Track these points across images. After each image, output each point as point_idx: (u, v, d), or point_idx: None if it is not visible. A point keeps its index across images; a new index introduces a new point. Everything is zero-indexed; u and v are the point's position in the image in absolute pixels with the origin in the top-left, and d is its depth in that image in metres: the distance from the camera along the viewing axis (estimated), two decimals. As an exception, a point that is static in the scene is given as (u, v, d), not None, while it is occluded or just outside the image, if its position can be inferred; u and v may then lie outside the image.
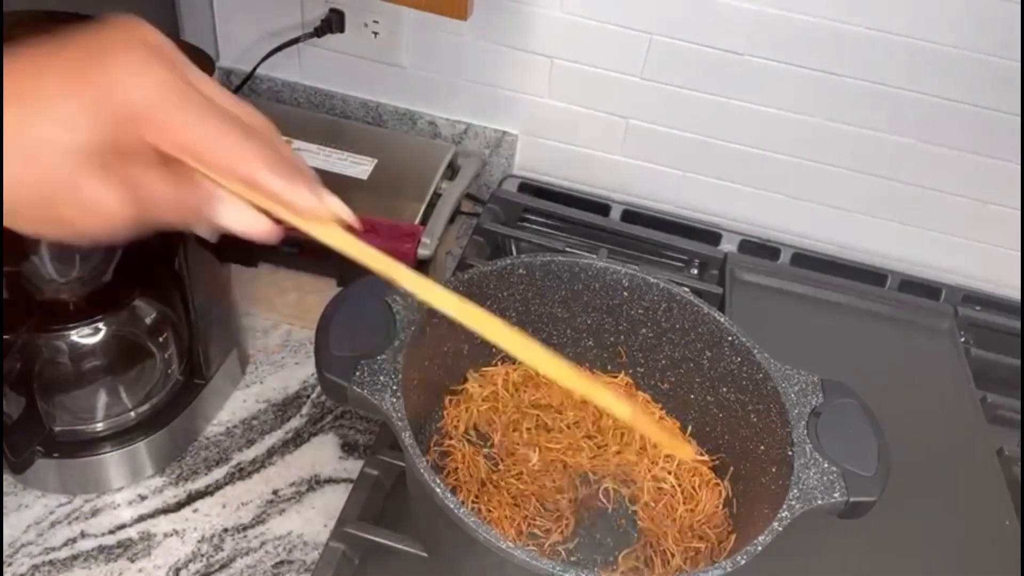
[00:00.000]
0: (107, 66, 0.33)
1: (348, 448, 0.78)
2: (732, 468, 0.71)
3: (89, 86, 0.33)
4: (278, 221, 0.39)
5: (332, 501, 0.73)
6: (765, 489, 0.64)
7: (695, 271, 1.05)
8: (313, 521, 0.72)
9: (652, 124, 1.03)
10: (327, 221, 0.41)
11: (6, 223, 0.34)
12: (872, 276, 1.05)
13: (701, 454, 0.73)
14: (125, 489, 0.72)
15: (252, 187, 0.37)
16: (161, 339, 0.74)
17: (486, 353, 0.76)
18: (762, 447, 0.66)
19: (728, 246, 1.06)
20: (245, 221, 0.38)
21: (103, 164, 0.33)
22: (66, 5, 0.68)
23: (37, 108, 0.32)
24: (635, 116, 1.03)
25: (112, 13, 0.37)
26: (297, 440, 0.78)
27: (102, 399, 0.71)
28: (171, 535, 0.70)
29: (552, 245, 1.00)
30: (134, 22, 0.35)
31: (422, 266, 0.90)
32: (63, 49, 0.34)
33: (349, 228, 0.42)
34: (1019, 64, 0.89)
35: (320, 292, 0.91)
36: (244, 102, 0.39)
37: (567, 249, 0.99)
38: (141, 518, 0.71)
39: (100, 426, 0.71)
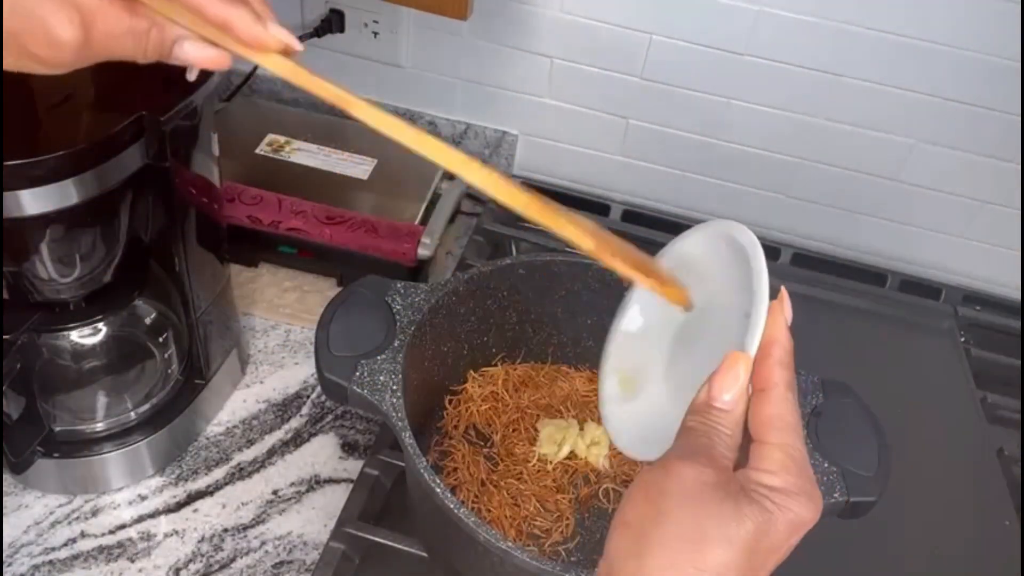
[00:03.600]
0: None
1: (348, 448, 0.78)
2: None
3: None
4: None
5: (332, 501, 0.73)
6: (765, 489, 0.64)
7: (695, 271, 1.04)
8: (313, 521, 0.72)
9: (652, 124, 1.03)
10: (272, 49, 0.42)
11: None
12: (872, 276, 1.05)
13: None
14: (125, 489, 0.72)
15: (197, 13, 0.38)
16: (161, 339, 0.74)
17: (486, 353, 0.76)
18: (762, 447, 0.66)
19: (728, 246, 1.05)
20: (198, 54, 0.40)
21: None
22: (66, 5, 0.68)
23: None
24: (635, 116, 1.03)
25: None
26: (297, 440, 0.78)
27: (102, 399, 0.71)
28: (171, 535, 0.70)
29: (552, 245, 0.99)
30: None
31: (422, 266, 0.90)
32: None
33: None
34: (1019, 64, 0.89)
35: (320, 292, 0.91)
36: None
37: (567, 249, 0.99)
38: (141, 518, 0.71)
39: (100, 426, 0.71)
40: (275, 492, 0.74)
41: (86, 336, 0.68)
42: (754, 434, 0.39)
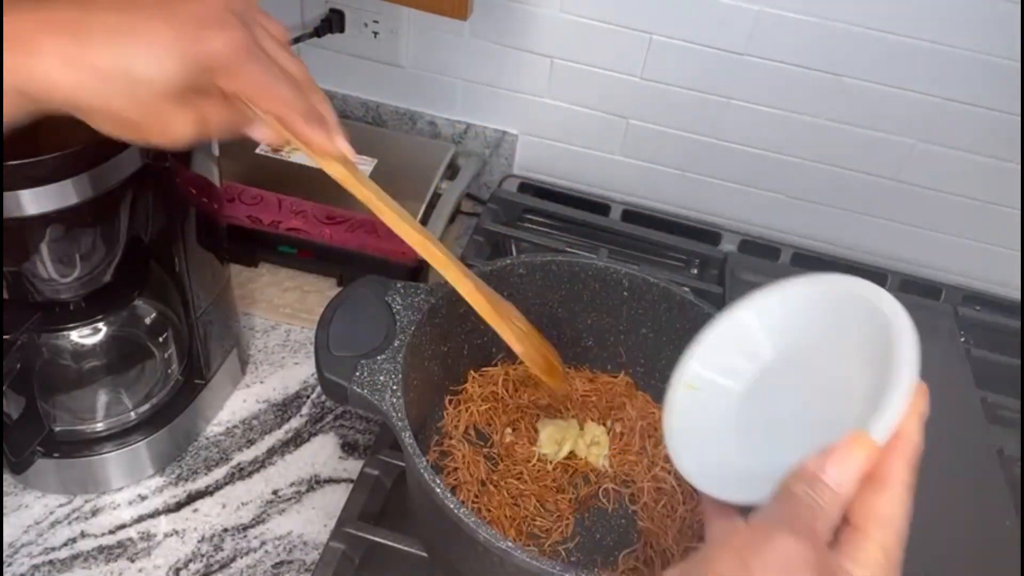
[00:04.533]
0: (195, 16, 0.40)
1: (348, 448, 0.78)
2: (732, 468, 0.71)
3: (179, 34, 0.40)
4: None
5: (332, 501, 0.73)
6: (765, 489, 0.64)
7: (695, 271, 1.05)
8: (313, 521, 0.72)
9: (652, 124, 1.03)
10: (334, 158, 0.50)
11: (92, 124, 0.41)
12: (872, 276, 1.04)
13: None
14: (125, 489, 0.72)
15: (284, 126, 0.46)
16: (161, 339, 0.74)
17: (486, 353, 0.76)
18: (762, 447, 0.66)
19: (728, 246, 1.06)
20: (271, 136, 0.47)
21: (182, 98, 0.41)
22: (66, 5, 0.68)
23: (131, 47, 0.39)
24: (635, 116, 1.03)
25: None
26: (297, 440, 0.78)
27: (102, 399, 0.71)
28: (171, 535, 0.70)
29: (552, 245, 1.00)
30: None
31: (422, 266, 0.90)
32: None
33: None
34: (1019, 64, 0.89)
35: (320, 292, 0.91)
36: (294, 57, 0.47)
37: (567, 249, 0.99)
38: (141, 518, 0.71)
39: (100, 426, 0.71)
40: (275, 492, 0.74)
41: (86, 336, 0.68)
42: (857, 520, 0.38)
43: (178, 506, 0.72)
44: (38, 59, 0.37)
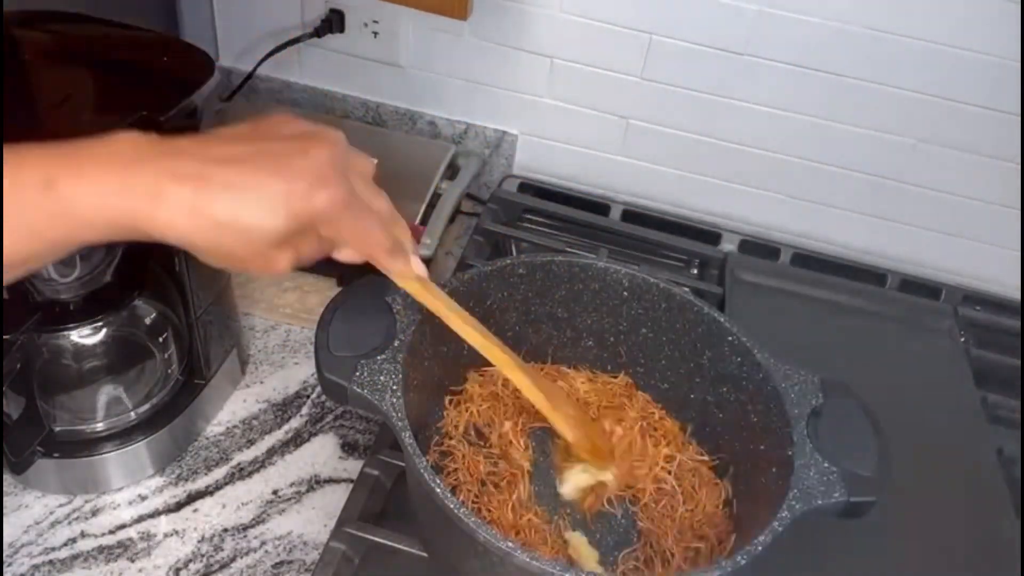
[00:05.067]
0: (303, 173, 0.45)
1: (348, 448, 0.78)
2: (732, 468, 0.71)
3: (289, 191, 0.44)
4: (364, 264, 0.53)
5: (332, 501, 0.73)
6: (765, 489, 0.64)
7: (695, 271, 1.05)
8: (313, 521, 0.72)
9: (652, 124, 1.03)
10: (410, 278, 0.57)
11: (199, 257, 0.45)
12: (872, 276, 1.05)
13: (701, 454, 0.73)
14: (125, 489, 0.72)
15: (371, 261, 0.53)
16: (161, 339, 0.74)
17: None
18: (762, 447, 0.66)
19: (728, 246, 1.06)
20: (354, 258, 0.52)
21: (287, 241, 0.46)
22: (66, 5, 0.68)
23: (247, 202, 0.43)
24: (635, 116, 1.03)
25: (114, 14, 0.39)
26: (297, 440, 0.78)
27: (102, 399, 0.71)
28: (171, 535, 0.70)
29: (552, 245, 1.00)
30: (333, 134, 0.48)
31: (422, 266, 0.90)
32: (270, 142, 0.46)
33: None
34: (1019, 64, 0.89)
35: (320, 292, 0.91)
36: (379, 192, 0.52)
37: (567, 249, 0.99)
38: (141, 518, 0.71)
39: (100, 426, 0.71)
40: (275, 492, 0.74)
41: (86, 336, 0.68)
42: None
43: (178, 506, 0.72)
44: (163, 207, 0.42)
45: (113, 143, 0.42)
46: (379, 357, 0.61)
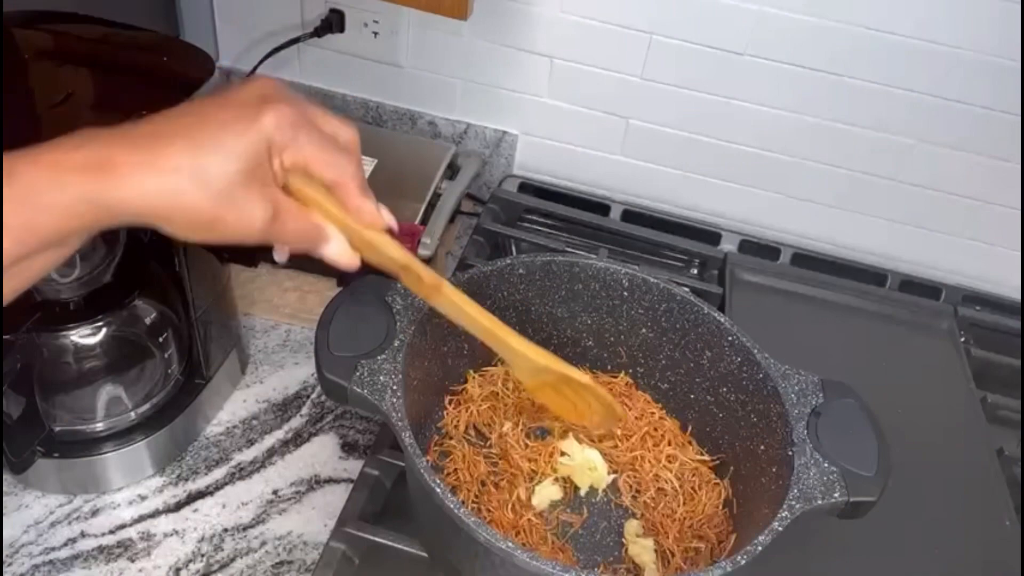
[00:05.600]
0: (246, 101, 0.46)
1: (348, 448, 0.78)
2: (732, 468, 0.71)
3: (237, 117, 0.44)
4: (364, 265, 0.52)
5: (332, 501, 0.73)
6: (765, 489, 0.64)
7: (695, 271, 1.05)
8: (313, 521, 0.72)
9: (652, 124, 1.03)
10: (378, 224, 0.52)
11: (167, 232, 0.44)
12: (872, 276, 1.05)
13: (701, 454, 0.73)
14: (125, 489, 0.72)
15: (338, 194, 0.49)
16: (161, 339, 0.74)
17: (486, 353, 0.76)
18: (762, 447, 0.66)
19: (728, 246, 1.06)
20: (341, 255, 0.51)
21: (253, 183, 0.45)
22: (66, 5, 0.68)
23: (200, 143, 0.43)
24: (635, 116, 1.03)
25: (114, 14, 0.39)
26: (297, 440, 0.78)
27: (102, 399, 0.71)
28: (171, 535, 0.70)
29: (552, 245, 1.00)
30: (269, 80, 0.48)
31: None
32: (225, 100, 0.46)
33: (390, 233, 0.53)
34: (1019, 64, 0.89)
35: (320, 292, 0.91)
36: (341, 122, 0.50)
37: (567, 249, 0.99)
38: (141, 518, 0.71)
39: (100, 426, 0.71)
40: (275, 492, 0.74)
41: (86, 336, 0.68)
42: None
43: (178, 506, 0.72)
44: (118, 173, 0.41)
45: (69, 136, 0.42)
46: (379, 357, 0.61)
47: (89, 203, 0.41)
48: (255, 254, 0.92)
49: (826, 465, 0.60)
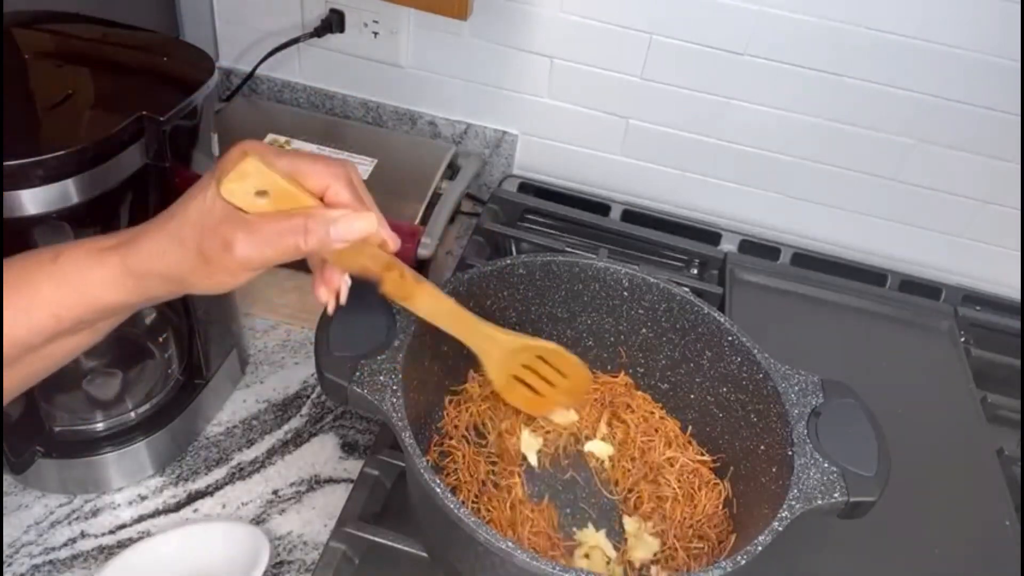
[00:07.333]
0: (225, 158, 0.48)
1: (348, 448, 0.78)
2: (732, 468, 0.71)
3: (208, 182, 0.48)
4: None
5: (332, 501, 0.73)
6: (765, 489, 0.64)
7: (695, 271, 1.05)
8: (313, 521, 0.72)
9: (652, 124, 1.03)
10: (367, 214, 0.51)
11: (187, 292, 0.50)
12: (872, 276, 1.05)
13: (701, 454, 0.73)
14: (125, 489, 0.72)
15: (335, 198, 0.50)
16: (161, 339, 0.74)
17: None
18: (762, 447, 0.66)
19: (728, 246, 1.06)
20: (350, 226, 0.50)
21: (208, 224, 0.47)
22: (66, 5, 0.68)
23: (178, 208, 0.49)
24: (635, 116, 1.03)
25: (114, 14, 0.38)
26: (297, 440, 0.78)
27: (102, 399, 0.71)
28: (171, 535, 0.70)
29: (552, 245, 1.00)
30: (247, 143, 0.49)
31: (422, 266, 0.90)
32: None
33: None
34: (1019, 64, 0.89)
35: (320, 292, 0.91)
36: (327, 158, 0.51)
37: (567, 249, 0.99)
38: (141, 518, 0.71)
39: (100, 426, 0.71)
40: (275, 492, 0.74)
41: (86, 336, 0.68)
42: None
43: (178, 506, 0.72)
44: (137, 242, 0.49)
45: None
46: (379, 357, 0.61)
47: (128, 273, 0.48)
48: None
49: (826, 465, 0.60)
